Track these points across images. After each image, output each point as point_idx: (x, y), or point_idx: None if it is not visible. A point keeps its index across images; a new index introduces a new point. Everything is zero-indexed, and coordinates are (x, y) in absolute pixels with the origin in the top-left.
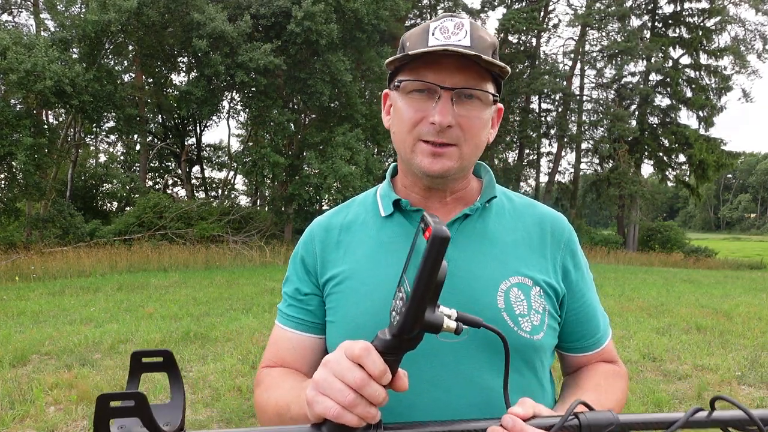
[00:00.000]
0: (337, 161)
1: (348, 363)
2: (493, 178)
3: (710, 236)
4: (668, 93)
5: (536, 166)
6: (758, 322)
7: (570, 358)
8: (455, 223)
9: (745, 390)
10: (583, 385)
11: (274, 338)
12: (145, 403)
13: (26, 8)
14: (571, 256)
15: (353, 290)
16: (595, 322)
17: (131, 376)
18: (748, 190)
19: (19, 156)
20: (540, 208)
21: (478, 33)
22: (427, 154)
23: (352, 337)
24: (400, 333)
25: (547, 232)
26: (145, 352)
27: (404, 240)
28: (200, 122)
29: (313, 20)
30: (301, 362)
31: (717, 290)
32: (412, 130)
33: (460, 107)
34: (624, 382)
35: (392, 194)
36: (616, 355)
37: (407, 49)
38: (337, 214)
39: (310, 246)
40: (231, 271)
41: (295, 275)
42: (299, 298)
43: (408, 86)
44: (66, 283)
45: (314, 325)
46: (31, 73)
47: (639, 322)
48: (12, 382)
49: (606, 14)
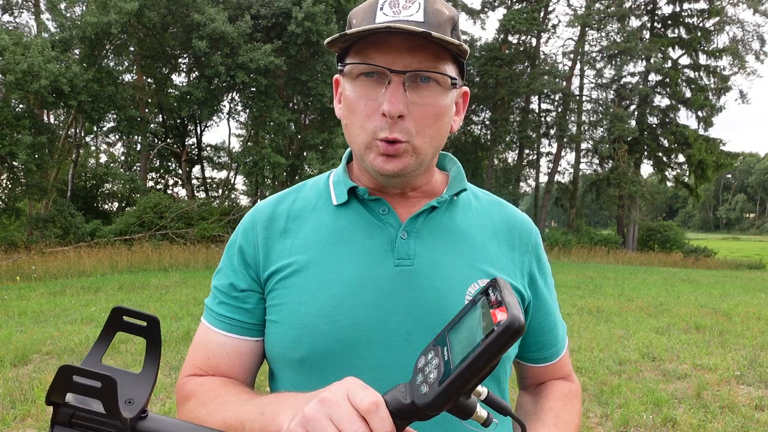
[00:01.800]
0: (337, 162)
1: (350, 411)
2: (461, 170)
3: (709, 236)
4: (667, 93)
5: (536, 166)
6: (757, 322)
7: (528, 368)
8: (420, 216)
9: (744, 389)
10: (544, 419)
11: (202, 341)
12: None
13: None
14: (537, 261)
15: (303, 286)
16: (555, 332)
17: (104, 334)
18: (747, 191)
19: (20, 155)
20: (507, 208)
21: (433, 6)
22: (380, 153)
23: (298, 340)
24: (424, 408)
25: (515, 234)
26: (129, 310)
27: (362, 231)
28: (201, 122)
29: (313, 21)
30: (238, 369)
31: (716, 290)
32: (365, 124)
33: (414, 93)
34: (579, 402)
35: (348, 181)
36: (570, 366)
37: (353, 26)
38: (283, 198)
39: (251, 234)
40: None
41: (229, 268)
42: (234, 294)
43: (354, 70)
44: (67, 283)
45: (251, 326)
46: (27, 73)
47: (638, 322)
48: (13, 381)
49: (605, 15)
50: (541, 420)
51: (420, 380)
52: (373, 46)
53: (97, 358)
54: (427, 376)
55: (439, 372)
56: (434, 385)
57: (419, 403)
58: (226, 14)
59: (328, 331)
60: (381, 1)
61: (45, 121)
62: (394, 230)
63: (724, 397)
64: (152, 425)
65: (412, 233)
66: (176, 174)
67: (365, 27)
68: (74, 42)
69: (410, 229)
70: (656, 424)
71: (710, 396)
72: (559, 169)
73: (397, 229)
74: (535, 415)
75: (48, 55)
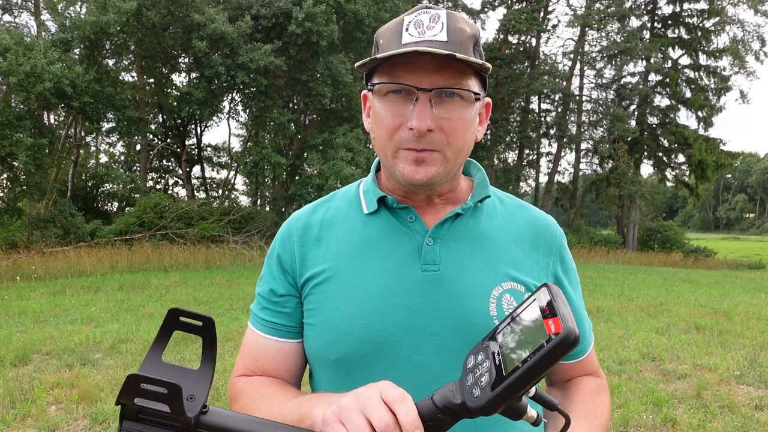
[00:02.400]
0: (338, 162)
1: (379, 402)
2: (485, 176)
3: (709, 236)
4: (667, 93)
5: (536, 166)
6: (757, 322)
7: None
8: (446, 222)
9: (744, 389)
10: (574, 412)
11: (250, 344)
12: (178, 394)
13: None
14: (561, 261)
15: (336, 292)
16: (581, 329)
17: (162, 332)
18: (747, 191)
19: (20, 156)
20: (532, 211)
21: (456, 25)
22: (409, 161)
23: (333, 343)
24: (476, 411)
25: (539, 236)
26: (186, 311)
27: (391, 238)
28: (201, 122)
29: (313, 21)
30: (284, 370)
31: (716, 290)
32: (392, 137)
33: (440, 108)
34: (608, 397)
35: (377, 190)
36: (597, 363)
37: (380, 47)
38: (317, 208)
39: (288, 243)
40: (231, 271)
41: (270, 275)
42: (274, 300)
43: (383, 88)
44: (67, 283)
45: (292, 329)
46: (30, 75)
47: (638, 322)
48: (13, 381)
49: (605, 15)
50: (571, 413)
51: (471, 382)
52: (401, 65)
53: (157, 356)
54: (478, 379)
55: (490, 376)
56: (486, 390)
57: (471, 405)
58: (227, 14)
59: (360, 334)
60: (406, 22)
61: (46, 121)
62: (420, 237)
63: (723, 397)
64: (213, 419)
65: (438, 239)
66: (176, 174)
67: (394, 52)
68: (74, 42)
69: (436, 235)
70: (656, 424)
71: (710, 396)
72: (559, 169)
73: (423, 236)
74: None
75: (51, 57)
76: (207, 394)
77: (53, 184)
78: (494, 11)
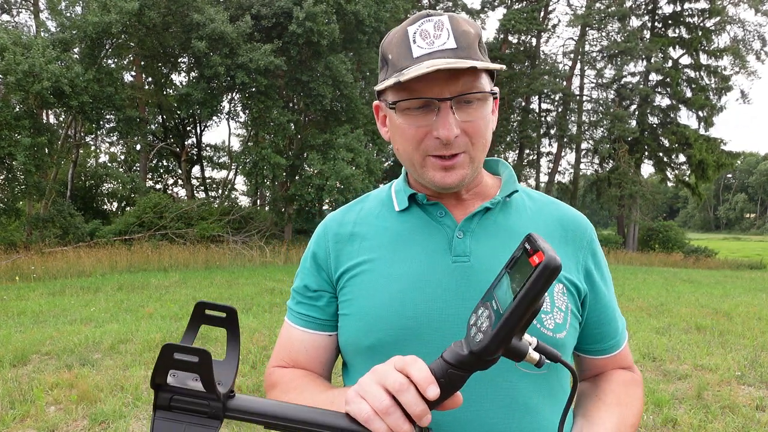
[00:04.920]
0: (338, 162)
1: (392, 370)
2: (513, 173)
3: (710, 236)
4: (668, 93)
5: (536, 166)
6: (758, 322)
7: (588, 360)
8: (475, 216)
9: (745, 390)
10: (605, 399)
11: (285, 337)
12: (208, 362)
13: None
14: (592, 255)
15: (370, 282)
16: (614, 324)
17: (190, 326)
18: (747, 191)
19: (19, 156)
20: (562, 207)
21: (460, 28)
22: (438, 168)
23: (368, 329)
24: (481, 353)
25: (569, 230)
26: (210, 304)
27: (423, 232)
28: (200, 122)
29: (314, 21)
30: (315, 362)
31: (717, 290)
32: (419, 146)
33: (462, 113)
34: (641, 390)
35: (408, 189)
36: (631, 358)
37: (390, 62)
38: (351, 208)
39: (323, 240)
40: (231, 271)
41: (303, 271)
42: (308, 294)
43: (403, 105)
44: (66, 283)
45: (325, 322)
46: (28, 74)
47: (639, 322)
48: (12, 381)
49: (606, 14)
50: (602, 400)
51: (474, 332)
52: (417, 80)
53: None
54: (480, 326)
55: (490, 320)
56: (488, 331)
57: (476, 349)
58: (227, 14)
59: (394, 321)
60: (411, 33)
61: (45, 121)
62: (450, 230)
63: (724, 398)
64: (241, 403)
65: (468, 232)
66: (176, 174)
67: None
68: (74, 42)
69: (466, 228)
70: (657, 425)
71: (711, 396)
72: (560, 169)
73: (453, 229)
74: (595, 396)
75: (49, 56)
76: (233, 380)
77: (52, 184)
78: (494, 11)
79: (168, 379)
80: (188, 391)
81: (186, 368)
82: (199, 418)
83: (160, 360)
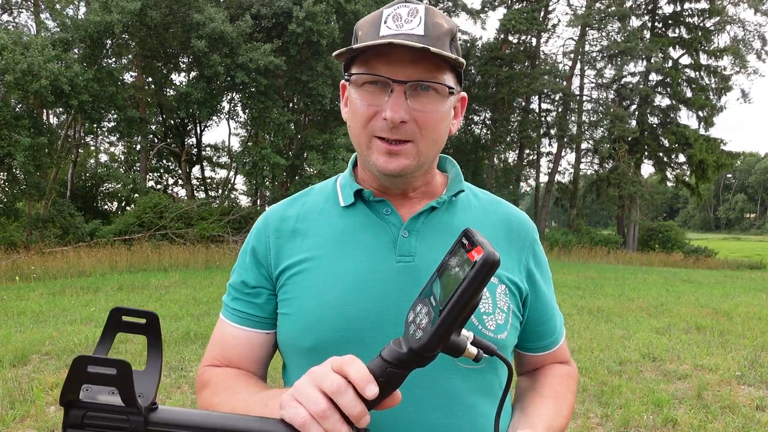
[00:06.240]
0: (338, 162)
1: (329, 371)
2: (459, 172)
3: (710, 236)
4: (668, 93)
5: (536, 166)
6: (758, 322)
7: (527, 357)
8: (421, 215)
9: (745, 390)
10: (541, 391)
11: (219, 334)
12: (128, 374)
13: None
14: (533, 255)
15: (312, 281)
16: (552, 322)
17: (105, 334)
18: (747, 191)
19: (18, 157)
20: (506, 207)
21: (433, 19)
22: (382, 152)
23: (308, 330)
24: (421, 350)
25: (513, 230)
26: (128, 309)
27: (367, 230)
28: (200, 122)
29: (314, 20)
30: (249, 360)
31: (717, 290)
32: (366, 125)
33: (415, 101)
34: (575, 383)
35: (354, 184)
36: (568, 354)
37: (359, 38)
38: (293, 202)
39: (263, 235)
40: (231, 270)
41: (242, 267)
42: (246, 291)
43: (359, 79)
44: (66, 283)
45: (262, 320)
46: (27, 73)
47: (639, 322)
48: (12, 381)
49: (606, 14)
50: (538, 392)
51: (413, 329)
52: (378, 57)
53: None
54: (419, 323)
55: (429, 316)
56: (427, 327)
57: (416, 347)
58: (227, 14)
59: (335, 321)
60: (385, 15)
61: (45, 121)
62: (396, 229)
63: (724, 398)
64: (164, 415)
65: (413, 232)
66: (176, 174)
67: (370, 43)
68: (75, 42)
69: (411, 228)
70: (657, 425)
71: (711, 396)
72: (560, 169)
73: (399, 228)
74: (533, 389)
75: (48, 55)
76: (156, 392)
77: (52, 184)
78: (494, 11)
79: (80, 394)
80: (104, 407)
81: (102, 381)
82: None
83: (72, 374)
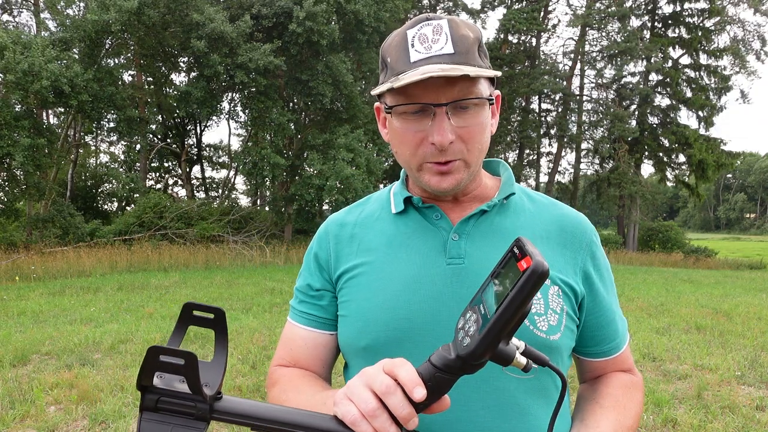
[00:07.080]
0: (338, 162)
1: (380, 372)
2: (512, 175)
3: (710, 236)
4: (668, 93)
5: (536, 166)
6: (758, 322)
7: (587, 362)
8: (471, 218)
9: (745, 390)
10: (602, 402)
11: (287, 335)
12: (194, 364)
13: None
14: (591, 257)
15: (367, 284)
16: (614, 326)
17: (178, 327)
18: (747, 190)
19: (17, 157)
20: (562, 209)
21: (459, 33)
22: (434, 173)
23: (363, 330)
24: (468, 357)
25: (567, 232)
26: (198, 305)
27: (418, 234)
28: (200, 122)
29: (314, 20)
30: (315, 361)
31: (717, 290)
32: (416, 152)
33: (458, 119)
34: (641, 393)
35: (405, 192)
36: (632, 361)
37: (389, 65)
38: (352, 210)
39: (325, 241)
40: (231, 271)
41: (307, 271)
42: (311, 293)
43: (400, 110)
44: (66, 283)
45: (326, 321)
46: (28, 73)
47: (639, 322)
48: (12, 381)
49: (606, 14)
50: (599, 403)
51: (462, 336)
52: (415, 84)
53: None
54: (468, 330)
55: (478, 324)
56: (475, 335)
57: (463, 354)
58: (227, 14)
59: (388, 322)
60: (410, 37)
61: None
62: (446, 233)
63: (724, 398)
64: (227, 404)
65: (463, 235)
66: (176, 174)
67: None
68: (74, 41)
69: (461, 231)
70: (657, 425)
71: (711, 396)
72: (560, 169)
73: (448, 232)
74: (593, 399)
75: (49, 55)
76: (221, 382)
77: (52, 185)
78: (494, 11)
79: (154, 380)
80: (174, 393)
81: (172, 370)
82: (185, 420)
83: (146, 362)
